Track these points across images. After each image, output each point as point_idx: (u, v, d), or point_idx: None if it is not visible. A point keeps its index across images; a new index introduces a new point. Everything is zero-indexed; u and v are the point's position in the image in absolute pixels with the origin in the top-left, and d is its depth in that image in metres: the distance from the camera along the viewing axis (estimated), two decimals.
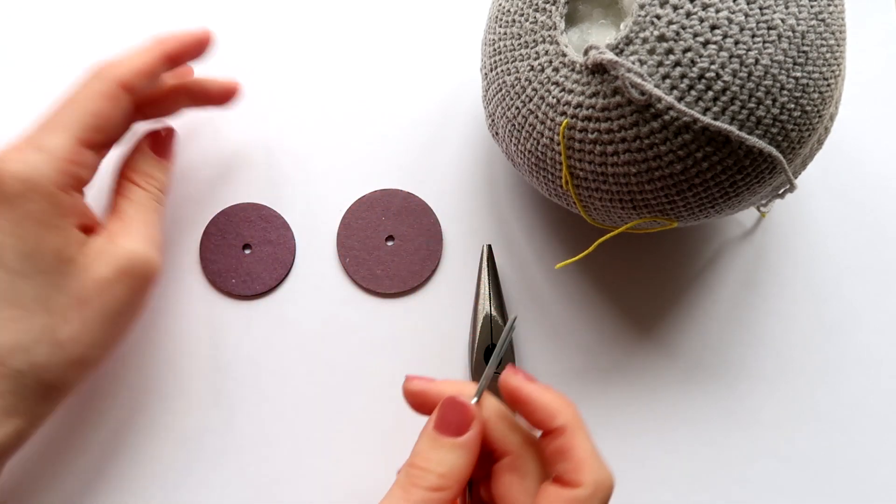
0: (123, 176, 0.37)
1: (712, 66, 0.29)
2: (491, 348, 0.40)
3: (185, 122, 0.44)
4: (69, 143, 0.31)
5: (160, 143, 0.38)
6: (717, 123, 0.29)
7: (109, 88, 0.32)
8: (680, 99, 0.30)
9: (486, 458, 0.30)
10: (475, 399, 0.30)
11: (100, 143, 0.32)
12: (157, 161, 0.37)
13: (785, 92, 0.30)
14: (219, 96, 0.39)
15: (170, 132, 0.39)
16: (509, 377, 0.30)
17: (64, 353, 0.30)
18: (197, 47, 0.36)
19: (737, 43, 0.29)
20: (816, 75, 0.30)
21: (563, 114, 0.32)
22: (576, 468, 0.28)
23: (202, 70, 0.41)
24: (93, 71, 0.33)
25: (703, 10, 0.29)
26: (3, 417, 0.29)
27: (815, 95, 0.30)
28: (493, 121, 0.37)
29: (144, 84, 0.33)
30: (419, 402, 0.31)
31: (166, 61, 0.35)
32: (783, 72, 0.29)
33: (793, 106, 0.30)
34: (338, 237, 0.42)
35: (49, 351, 0.30)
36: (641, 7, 0.30)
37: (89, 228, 0.33)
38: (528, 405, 0.29)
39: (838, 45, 0.31)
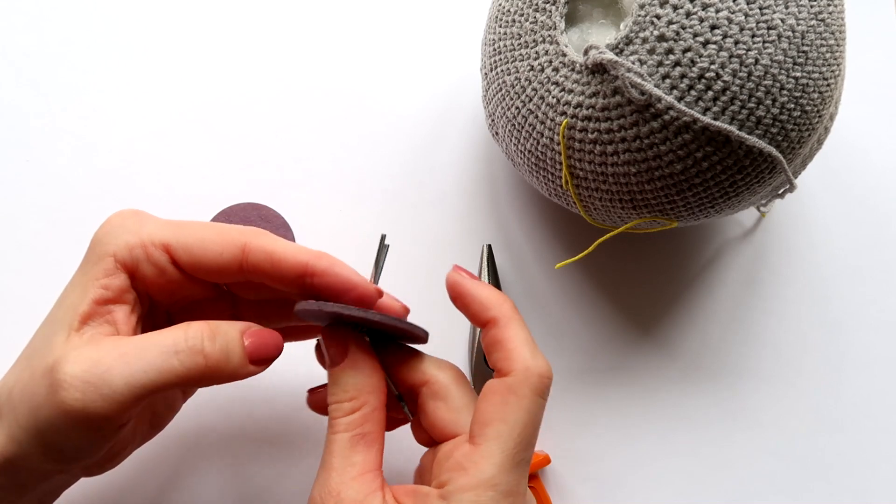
0: None
1: (712, 66, 0.29)
2: None
3: (185, 122, 0.44)
4: (155, 238, 0.29)
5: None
6: (717, 123, 0.29)
7: (232, 241, 0.29)
8: (680, 99, 0.30)
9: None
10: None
11: (185, 265, 0.30)
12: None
13: (785, 92, 0.30)
14: (350, 297, 0.31)
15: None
16: (452, 274, 0.31)
17: (96, 468, 0.31)
18: (346, 294, 0.30)
19: (737, 43, 0.29)
20: (816, 75, 0.30)
21: (563, 114, 0.32)
22: (507, 357, 0.29)
23: (209, 75, 0.41)
24: (248, 227, 0.31)
25: (703, 10, 0.29)
26: None
27: (815, 95, 0.30)
28: (493, 121, 0.37)
29: (265, 270, 0.30)
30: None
31: (305, 274, 0.30)
32: (783, 72, 0.29)
33: (793, 106, 0.30)
34: None
35: (80, 469, 0.30)
36: (641, 7, 0.30)
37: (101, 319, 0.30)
38: (465, 298, 0.31)
39: (838, 45, 0.31)
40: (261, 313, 0.34)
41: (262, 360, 0.29)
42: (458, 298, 0.31)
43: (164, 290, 0.31)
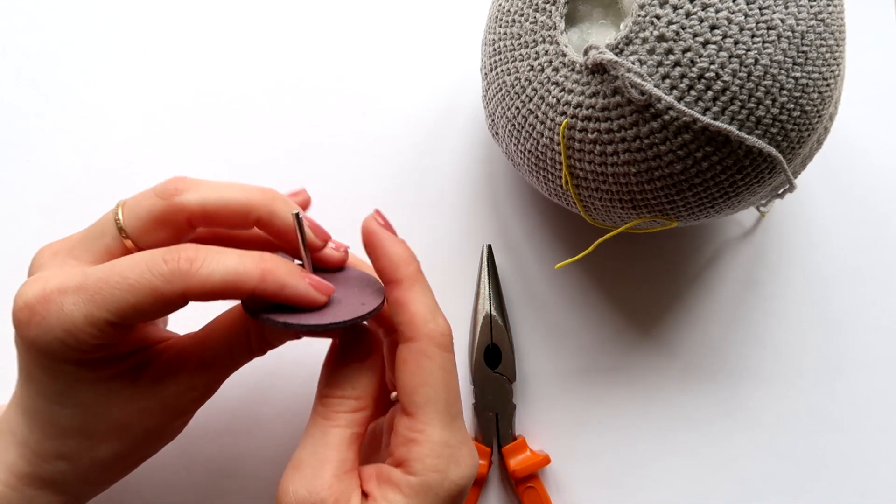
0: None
1: (712, 66, 0.29)
2: (491, 347, 0.40)
3: (185, 122, 0.44)
4: (95, 321, 0.26)
5: None
6: (717, 123, 0.29)
7: (170, 293, 0.26)
8: (680, 99, 0.30)
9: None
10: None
11: (134, 324, 0.28)
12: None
13: (784, 92, 0.30)
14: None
15: None
16: (370, 221, 0.30)
17: (105, 467, 0.30)
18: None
19: (736, 43, 0.29)
20: (816, 75, 0.30)
21: (563, 114, 0.32)
22: (410, 321, 0.29)
23: (195, 64, 0.41)
24: (169, 257, 0.27)
25: (703, 10, 0.29)
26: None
27: (815, 95, 0.30)
28: (493, 121, 0.37)
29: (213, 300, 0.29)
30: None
31: (257, 294, 0.28)
32: (783, 72, 0.29)
33: (792, 106, 0.30)
34: None
35: (89, 464, 0.30)
36: (641, 7, 0.30)
37: (138, 361, 0.30)
38: (377, 251, 0.30)
39: (838, 45, 0.31)
40: None
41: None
42: (370, 248, 0.30)
43: (129, 340, 0.30)
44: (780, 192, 0.35)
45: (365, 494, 0.28)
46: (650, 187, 0.32)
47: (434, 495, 0.28)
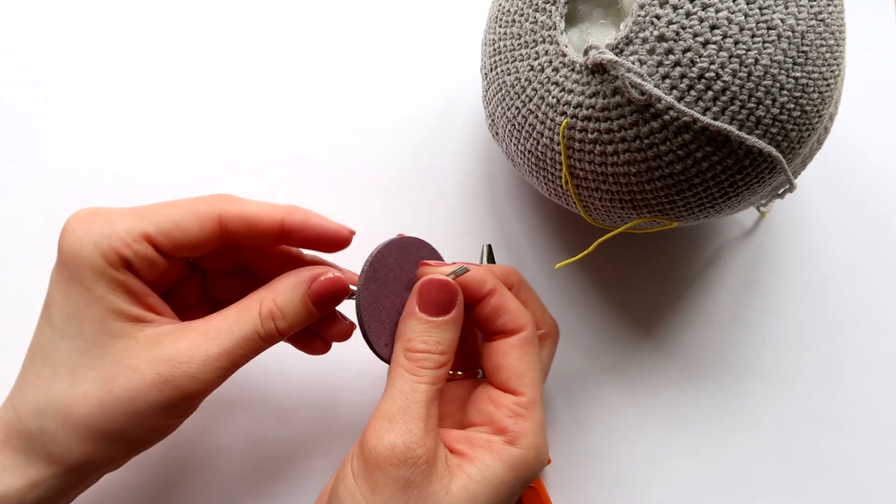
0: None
1: (712, 66, 0.29)
2: None
3: (185, 122, 0.44)
4: (135, 233, 0.29)
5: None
6: (717, 123, 0.29)
7: (207, 214, 0.30)
8: (680, 99, 0.30)
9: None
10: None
11: (168, 250, 0.30)
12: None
13: (785, 92, 0.30)
14: (327, 244, 0.33)
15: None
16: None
17: (72, 431, 0.29)
18: (324, 242, 0.32)
19: (736, 43, 0.29)
20: (816, 75, 0.30)
21: (563, 114, 0.32)
22: (513, 318, 0.33)
23: (203, 70, 0.41)
24: (213, 194, 0.32)
25: (703, 10, 0.29)
26: (20, 474, 0.29)
27: (815, 95, 0.30)
28: (493, 121, 0.37)
29: (244, 235, 0.31)
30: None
31: (282, 233, 0.31)
32: (783, 72, 0.29)
33: (792, 106, 0.30)
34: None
35: (59, 422, 0.29)
36: (641, 7, 0.30)
37: (151, 318, 0.31)
38: (464, 290, 0.33)
39: (838, 45, 0.31)
40: (228, 284, 0.36)
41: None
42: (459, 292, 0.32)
43: (152, 281, 0.31)
44: (780, 192, 0.35)
45: (454, 453, 0.30)
46: (650, 187, 0.32)
47: (527, 470, 0.30)
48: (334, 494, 0.29)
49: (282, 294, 0.31)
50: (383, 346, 0.32)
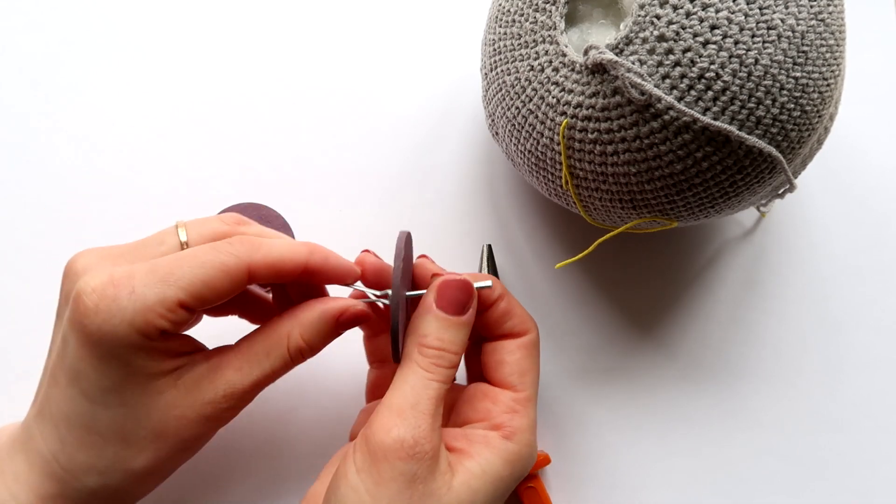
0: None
1: (712, 66, 0.29)
2: None
3: (185, 122, 0.44)
4: (168, 303, 0.28)
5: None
6: (717, 123, 0.29)
7: (236, 268, 0.29)
8: (680, 99, 0.30)
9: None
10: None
11: (198, 308, 0.30)
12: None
13: (785, 92, 0.30)
14: (340, 280, 0.34)
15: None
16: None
17: (134, 480, 0.30)
18: (338, 279, 0.33)
19: (736, 43, 0.29)
20: (816, 75, 0.30)
21: (563, 114, 0.32)
22: (521, 322, 0.34)
23: (212, 74, 0.41)
24: (232, 240, 0.30)
25: (703, 10, 0.29)
26: None
27: (815, 95, 0.30)
28: (493, 121, 0.37)
29: (269, 278, 0.31)
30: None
31: (304, 272, 0.32)
32: (783, 72, 0.29)
33: (792, 106, 0.30)
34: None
35: (122, 477, 0.30)
36: (641, 7, 0.30)
37: (184, 362, 0.31)
38: (477, 298, 0.33)
39: (838, 45, 0.31)
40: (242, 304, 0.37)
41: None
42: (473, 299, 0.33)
43: (181, 330, 0.32)
44: (780, 192, 0.35)
45: (452, 450, 0.30)
46: (650, 187, 0.32)
47: (521, 465, 0.31)
48: (333, 491, 0.29)
49: (308, 329, 0.31)
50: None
